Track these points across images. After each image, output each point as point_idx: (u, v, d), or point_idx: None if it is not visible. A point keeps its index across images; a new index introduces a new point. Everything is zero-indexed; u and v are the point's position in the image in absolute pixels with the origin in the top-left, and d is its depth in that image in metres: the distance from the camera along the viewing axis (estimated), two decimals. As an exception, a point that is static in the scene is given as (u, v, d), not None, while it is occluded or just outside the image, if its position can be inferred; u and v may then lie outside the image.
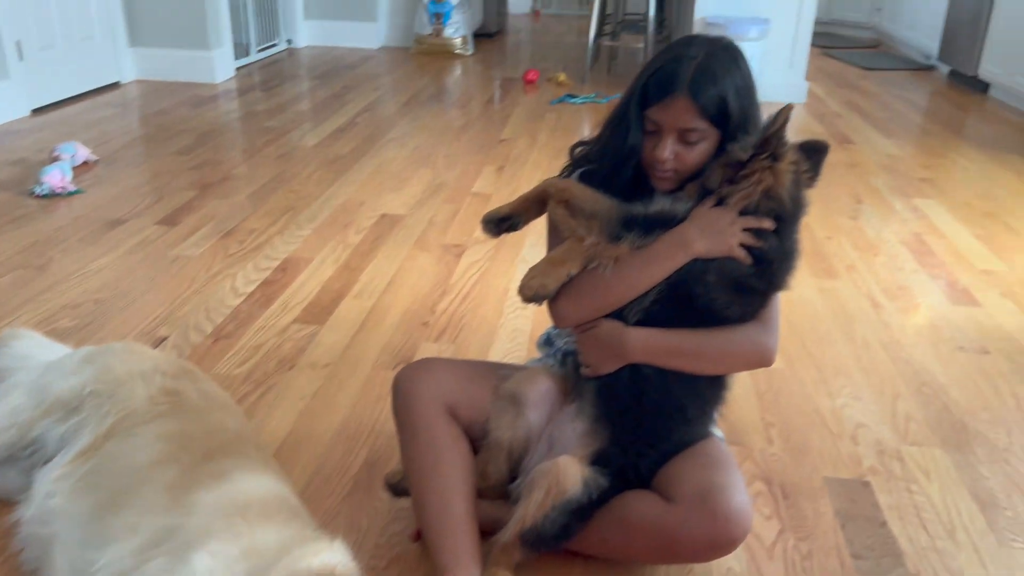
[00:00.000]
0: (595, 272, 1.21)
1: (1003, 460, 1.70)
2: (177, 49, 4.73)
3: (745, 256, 1.18)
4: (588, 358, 1.28)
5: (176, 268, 2.45)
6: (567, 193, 1.24)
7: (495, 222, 1.30)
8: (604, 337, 1.24)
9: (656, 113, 1.22)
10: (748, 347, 1.24)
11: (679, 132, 1.21)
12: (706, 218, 1.19)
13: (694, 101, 1.18)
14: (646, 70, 1.25)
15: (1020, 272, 2.59)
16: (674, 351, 1.22)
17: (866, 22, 7.25)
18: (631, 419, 1.25)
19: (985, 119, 4.58)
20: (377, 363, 1.96)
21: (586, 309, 1.24)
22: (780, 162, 1.18)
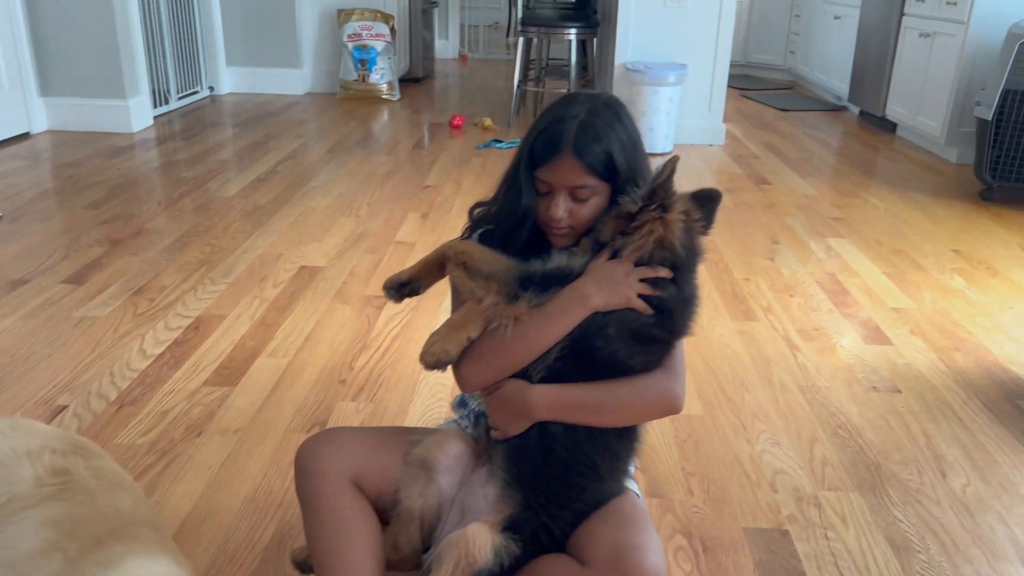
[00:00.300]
0: (495, 333, 1.20)
1: (915, 501, 1.73)
2: (91, 98, 4.60)
3: (644, 306, 1.18)
4: (496, 420, 1.25)
5: (81, 330, 2.35)
6: (465, 255, 1.23)
7: (396, 288, 1.27)
8: (509, 397, 1.22)
9: (545, 174, 1.22)
10: (654, 396, 1.23)
11: (570, 190, 1.22)
12: (602, 271, 1.19)
13: (580, 159, 1.19)
14: (532, 132, 1.26)
15: (928, 309, 2.67)
16: (579, 405, 1.21)
17: (781, 64, 7.53)
18: (542, 480, 1.23)
19: (893, 158, 4.77)
20: (290, 427, 1.90)
21: (489, 371, 1.22)
22: (670, 212, 1.19)
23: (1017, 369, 2.30)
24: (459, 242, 1.28)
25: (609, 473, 1.29)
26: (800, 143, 5.08)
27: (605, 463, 1.27)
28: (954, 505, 1.72)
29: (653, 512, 1.66)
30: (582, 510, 1.25)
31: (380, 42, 5.92)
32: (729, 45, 4.82)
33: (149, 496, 1.64)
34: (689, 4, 4.72)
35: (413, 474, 1.28)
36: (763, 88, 7.05)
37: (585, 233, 1.26)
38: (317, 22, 6.16)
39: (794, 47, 7.29)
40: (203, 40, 5.83)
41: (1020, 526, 1.66)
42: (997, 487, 1.78)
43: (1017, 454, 1.90)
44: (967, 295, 2.79)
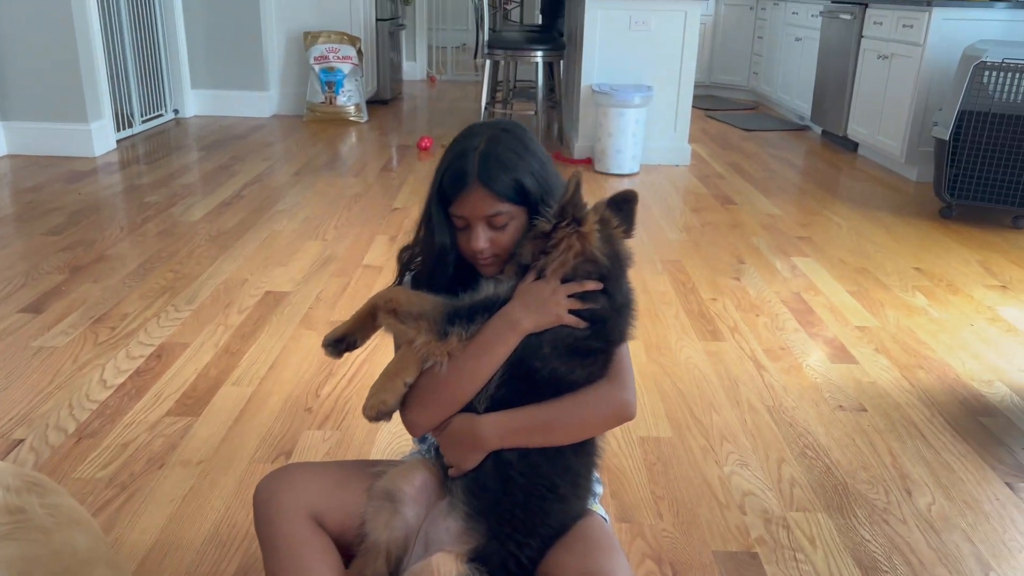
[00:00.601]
0: (432, 373, 1.19)
1: (883, 521, 1.74)
2: (51, 122, 4.54)
3: (576, 321, 1.18)
4: (449, 457, 1.25)
5: (39, 360, 2.29)
6: (393, 302, 1.23)
7: (332, 344, 1.26)
8: (458, 433, 1.22)
9: (458, 209, 1.23)
10: (603, 406, 1.23)
11: (486, 220, 1.22)
12: (529, 293, 1.19)
13: (487, 189, 1.20)
14: (439, 170, 1.26)
15: (891, 328, 2.71)
16: (529, 428, 1.20)
17: (744, 85, 7.65)
18: (504, 509, 1.21)
19: (855, 177, 4.85)
20: (254, 457, 1.87)
21: (433, 412, 1.22)
22: (584, 225, 1.19)
23: (978, 386, 2.34)
24: (388, 289, 1.28)
25: (571, 492, 1.28)
26: (764, 163, 5.15)
27: (565, 483, 1.27)
28: (920, 524, 1.73)
29: (623, 537, 1.65)
30: (549, 534, 1.24)
31: (347, 64, 5.92)
32: (693, 67, 4.88)
33: (108, 532, 1.60)
34: (654, 27, 4.78)
35: (378, 506, 1.26)
36: (727, 108, 7.15)
37: (510, 258, 1.26)
38: (283, 44, 6.14)
39: (757, 68, 7.42)
40: (167, 62, 5.79)
41: (985, 544, 1.67)
42: (962, 505, 1.80)
43: (980, 471, 1.93)
44: (929, 313, 2.84)
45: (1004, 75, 3.67)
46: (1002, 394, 2.30)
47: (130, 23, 5.22)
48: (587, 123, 4.91)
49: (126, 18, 5.16)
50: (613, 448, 1.96)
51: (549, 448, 1.23)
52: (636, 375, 2.34)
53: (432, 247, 1.27)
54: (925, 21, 4.43)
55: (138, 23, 5.34)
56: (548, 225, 1.19)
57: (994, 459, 1.98)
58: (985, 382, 2.36)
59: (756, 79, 7.44)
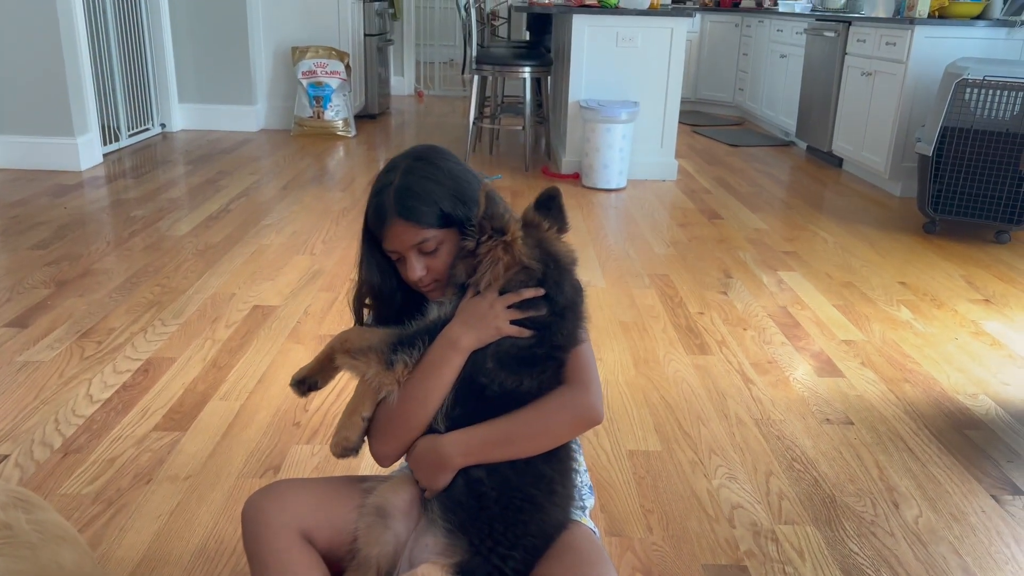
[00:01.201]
0: (386, 404, 1.21)
1: (870, 533, 1.75)
2: (37, 136, 4.52)
3: (518, 331, 1.19)
4: (421, 479, 1.25)
5: (24, 375, 2.28)
6: (347, 342, 1.25)
7: (296, 385, 1.29)
8: (423, 454, 1.22)
9: (387, 243, 1.25)
10: (564, 413, 1.22)
11: (416, 249, 1.24)
12: (467, 310, 1.20)
13: (407, 220, 1.22)
14: (365, 211, 1.29)
15: (877, 341, 2.73)
16: (491, 442, 1.20)
17: (730, 101, 7.73)
18: (482, 524, 1.21)
19: (840, 192, 4.90)
20: (242, 472, 1.86)
21: (395, 442, 1.23)
22: (507, 234, 1.19)
23: (963, 399, 2.36)
24: (343, 331, 1.30)
25: (548, 500, 1.28)
26: (750, 178, 5.19)
27: (541, 491, 1.26)
28: (907, 536, 1.74)
29: (613, 551, 1.65)
30: (532, 544, 1.24)
31: (335, 79, 5.93)
32: (680, 83, 4.92)
33: (95, 548, 1.58)
34: (641, 43, 4.82)
35: (370, 522, 1.26)
36: (713, 124, 7.21)
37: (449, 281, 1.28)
38: (271, 59, 6.15)
39: (743, 84, 7.49)
40: (154, 76, 5.78)
41: (971, 556, 1.68)
42: (948, 517, 1.81)
43: (966, 484, 1.94)
44: (914, 326, 2.86)
45: (985, 92, 3.73)
46: (987, 407, 2.32)
47: (117, 37, 5.21)
48: (574, 138, 4.94)
49: (113, 32, 5.16)
50: (602, 462, 1.96)
51: (517, 460, 1.22)
52: (624, 388, 2.35)
53: (372, 285, 1.31)
54: (907, 39, 4.49)
55: (125, 37, 5.34)
56: (472, 242, 1.21)
57: (980, 472, 1.99)
58: (970, 395, 2.38)
59: (742, 95, 7.52)
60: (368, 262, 1.30)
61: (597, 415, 1.24)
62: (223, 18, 5.87)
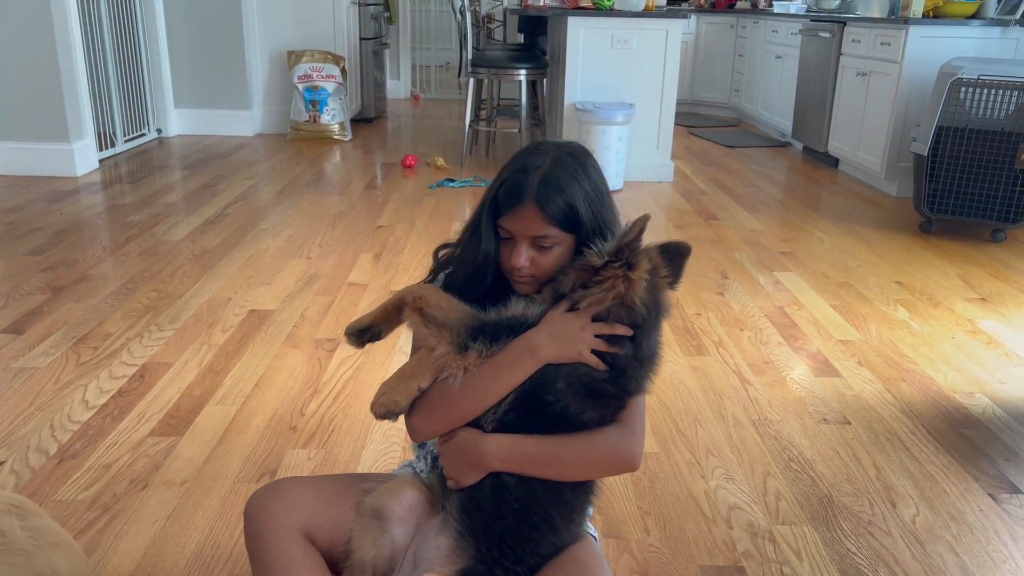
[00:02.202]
0: (445, 384, 1.18)
1: (867, 533, 1.74)
2: (32, 142, 4.51)
3: (596, 362, 1.17)
4: (450, 469, 1.23)
5: (20, 381, 2.27)
6: (422, 301, 1.21)
7: (356, 334, 1.26)
8: (463, 446, 1.21)
9: (507, 223, 1.22)
10: (609, 452, 1.21)
11: (532, 239, 1.21)
12: (556, 323, 1.18)
13: (542, 211, 1.19)
14: (497, 180, 1.26)
15: (874, 341, 2.73)
16: (533, 458, 1.19)
17: (726, 102, 7.73)
18: (495, 533, 1.21)
19: (836, 192, 4.91)
20: (239, 477, 1.85)
21: (439, 422, 1.21)
22: (634, 271, 1.17)
23: (960, 398, 2.36)
24: (418, 286, 1.26)
25: (564, 526, 1.27)
26: (746, 179, 5.20)
27: (560, 515, 1.26)
28: (905, 536, 1.74)
29: (610, 553, 1.65)
30: (537, 563, 1.24)
31: (331, 83, 5.93)
32: (675, 84, 4.93)
33: (91, 555, 1.58)
34: (636, 45, 4.83)
35: (365, 524, 1.25)
36: (709, 126, 7.22)
37: (548, 282, 1.25)
38: (267, 63, 6.16)
39: (738, 86, 7.50)
40: (150, 82, 5.78)
41: (969, 555, 1.68)
42: (946, 516, 1.81)
43: (963, 483, 1.94)
44: (911, 326, 2.86)
45: (980, 91, 3.74)
46: (983, 406, 2.32)
47: (112, 42, 5.21)
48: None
49: (108, 37, 5.16)
50: (599, 464, 1.96)
51: (549, 480, 1.21)
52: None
53: (476, 253, 1.25)
54: (902, 39, 4.50)
55: (121, 42, 5.34)
56: (599, 260, 1.17)
57: (977, 470, 1.99)
58: (967, 394, 2.38)
59: (737, 96, 7.52)
60: (486, 231, 1.24)
61: (636, 463, 1.24)
62: (219, 23, 5.87)
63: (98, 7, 5.02)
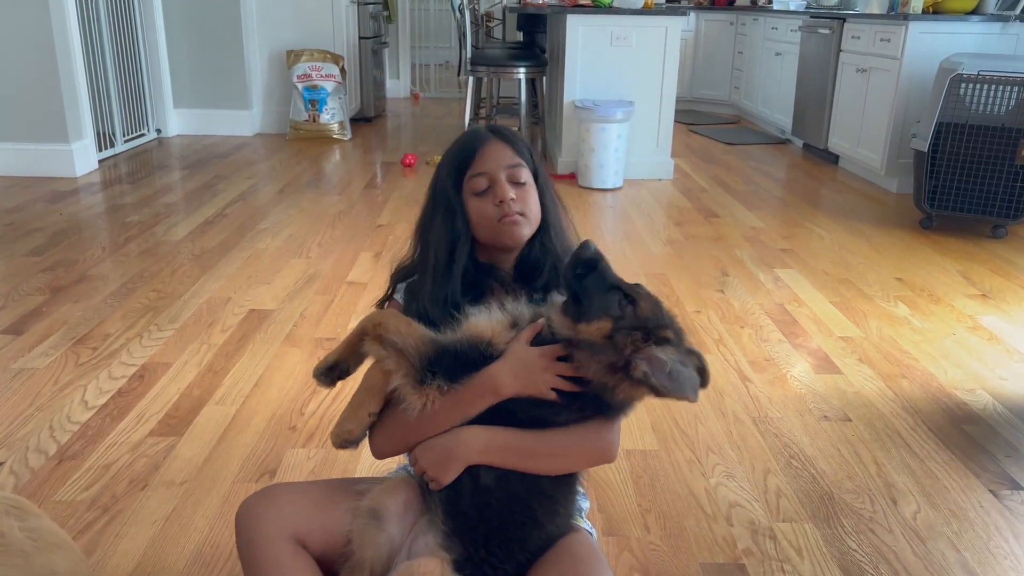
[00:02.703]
0: (401, 411, 1.18)
1: (868, 530, 1.74)
2: (31, 143, 4.51)
3: (555, 397, 1.15)
4: (427, 466, 1.21)
5: (19, 382, 2.27)
6: (381, 328, 1.20)
7: (324, 372, 1.25)
8: (439, 444, 1.19)
9: (479, 166, 1.25)
10: (588, 444, 1.21)
11: (508, 173, 1.25)
12: (520, 360, 1.16)
13: (505, 142, 1.27)
14: (446, 158, 1.30)
15: (875, 338, 2.73)
16: (512, 449, 1.18)
17: (726, 99, 7.72)
18: (480, 534, 1.20)
19: (837, 189, 4.90)
20: (238, 477, 1.85)
21: (399, 445, 1.23)
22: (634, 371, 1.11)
23: (961, 394, 2.35)
24: (378, 313, 1.25)
25: (549, 519, 1.27)
26: (747, 176, 5.19)
27: (543, 508, 1.25)
28: (906, 532, 1.73)
29: (610, 551, 1.65)
30: (525, 559, 1.23)
31: (330, 82, 5.93)
32: (675, 82, 4.92)
33: (90, 555, 1.58)
34: (635, 42, 4.82)
35: (363, 524, 1.25)
36: (709, 123, 7.21)
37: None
38: (266, 63, 6.15)
39: (738, 83, 7.49)
40: (149, 82, 5.78)
41: (970, 551, 1.68)
42: (947, 513, 1.81)
43: (964, 479, 1.93)
44: (911, 322, 2.86)
45: (980, 87, 3.73)
46: (984, 402, 2.31)
47: (111, 42, 5.21)
48: (570, 138, 4.94)
49: (107, 37, 5.15)
50: (599, 462, 1.96)
51: (528, 476, 1.20)
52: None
53: (454, 233, 1.26)
54: (902, 35, 4.49)
55: (119, 42, 5.34)
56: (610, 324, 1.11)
57: (978, 467, 1.99)
58: (968, 390, 2.38)
59: (737, 93, 7.51)
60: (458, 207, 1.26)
61: (613, 454, 1.23)
62: (217, 23, 5.87)
63: (97, 7, 5.02)
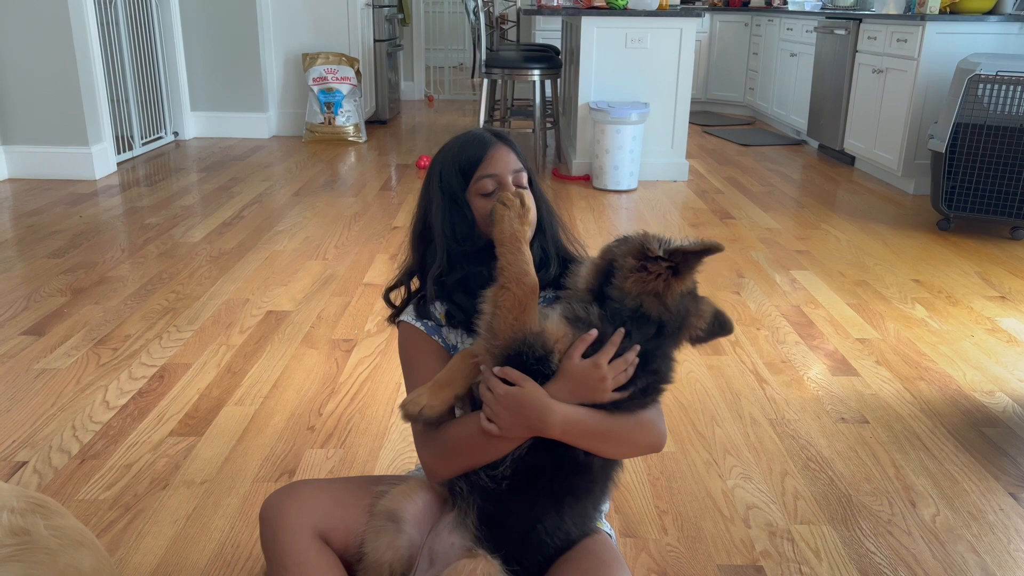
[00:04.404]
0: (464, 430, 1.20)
1: (887, 532, 1.73)
2: (53, 146, 4.57)
3: (617, 396, 1.17)
4: (500, 418, 1.17)
5: (41, 382, 2.30)
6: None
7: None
8: (526, 405, 1.15)
9: (487, 169, 1.28)
10: (650, 433, 1.23)
11: (514, 177, 1.30)
12: (576, 377, 1.16)
13: (509, 147, 1.31)
14: (449, 159, 1.31)
15: (892, 339, 2.71)
16: (592, 431, 1.18)
17: (741, 101, 7.70)
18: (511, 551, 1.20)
19: (853, 190, 4.88)
20: (258, 476, 1.87)
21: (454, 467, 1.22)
22: (680, 277, 1.17)
23: (980, 396, 2.34)
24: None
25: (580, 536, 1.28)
26: (762, 177, 5.18)
27: (577, 529, 1.27)
28: (925, 535, 1.73)
29: (627, 552, 1.65)
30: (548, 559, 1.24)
31: (346, 85, 5.96)
32: (690, 83, 4.92)
33: (112, 553, 1.59)
34: (650, 44, 4.82)
35: (380, 526, 1.26)
36: (724, 124, 7.19)
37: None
38: (282, 66, 6.19)
39: (753, 84, 7.47)
40: (167, 85, 5.83)
41: (990, 554, 1.67)
42: (966, 515, 1.80)
43: (984, 482, 1.92)
44: (929, 324, 2.84)
45: (998, 88, 3.70)
46: (1004, 404, 2.30)
47: (130, 46, 5.26)
48: (585, 140, 4.94)
49: (126, 42, 5.20)
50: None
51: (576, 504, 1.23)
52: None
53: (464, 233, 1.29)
54: (919, 35, 4.47)
55: (138, 46, 5.39)
56: (654, 250, 1.17)
57: (997, 469, 1.98)
58: (987, 392, 2.36)
59: (752, 94, 7.49)
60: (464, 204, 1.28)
61: (663, 443, 1.27)
62: (234, 26, 5.91)
63: (115, 11, 5.07)
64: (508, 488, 1.20)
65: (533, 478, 1.21)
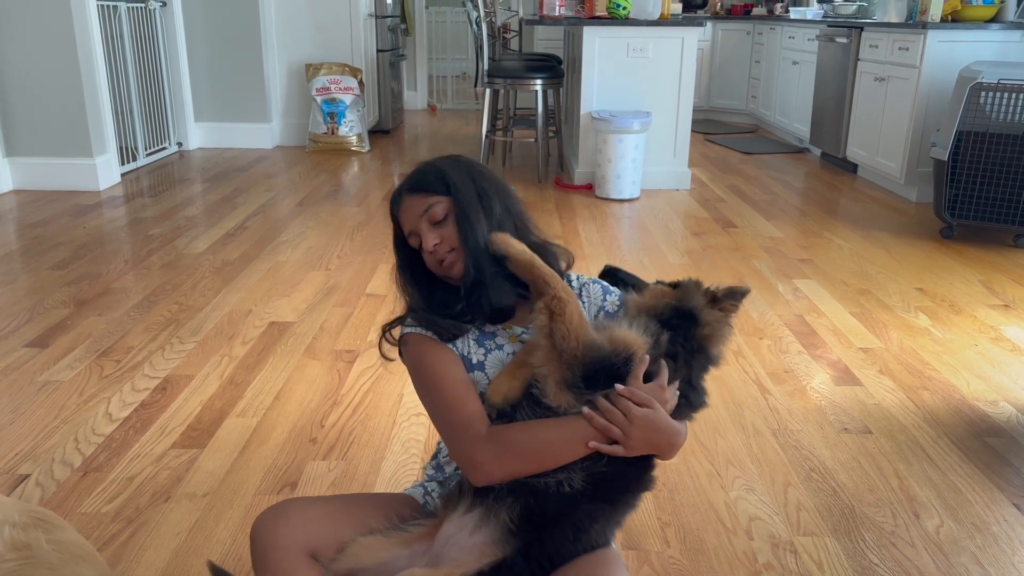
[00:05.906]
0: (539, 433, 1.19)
1: (890, 544, 1.73)
2: (57, 157, 4.59)
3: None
4: (633, 439, 1.18)
5: (44, 395, 2.30)
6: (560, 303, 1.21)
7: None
8: (662, 425, 1.20)
9: (405, 227, 1.29)
10: (683, 435, 1.27)
11: (426, 220, 1.26)
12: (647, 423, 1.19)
13: (413, 191, 1.27)
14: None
15: (895, 349, 2.71)
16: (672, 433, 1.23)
17: (743, 109, 7.71)
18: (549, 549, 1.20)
19: (855, 198, 4.87)
20: (260, 489, 1.87)
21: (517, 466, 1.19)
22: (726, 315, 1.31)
23: (984, 406, 2.33)
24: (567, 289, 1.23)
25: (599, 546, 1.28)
26: (764, 185, 5.18)
27: (602, 537, 1.28)
28: (929, 547, 1.72)
29: (630, 564, 1.64)
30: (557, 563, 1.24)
31: (349, 95, 5.98)
32: (692, 92, 4.92)
33: (114, 567, 1.59)
34: (652, 53, 4.83)
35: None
36: (727, 132, 7.20)
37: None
38: (285, 77, 6.21)
39: (755, 92, 7.48)
40: (171, 96, 5.85)
41: (994, 566, 1.66)
42: (970, 527, 1.79)
43: (988, 492, 1.92)
44: (932, 333, 2.83)
45: (1000, 95, 3.70)
46: (1008, 414, 2.29)
47: (134, 58, 5.29)
48: (587, 149, 4.95)
49: (130, 53, 5.23)
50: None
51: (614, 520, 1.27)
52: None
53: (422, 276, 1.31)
54: (920, 43, 4.47)
55: (141, 58, 5.41)
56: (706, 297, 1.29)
57: (1002, 480, 1.97)
58: (990, 402, 2.36)
59: (754, 103, 7.50)
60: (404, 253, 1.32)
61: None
62: (237, 37, 5.94)
63: (119, 23, 5.10)
64: (573, 493, 1.20)
65: (595, 487, 1.21)
